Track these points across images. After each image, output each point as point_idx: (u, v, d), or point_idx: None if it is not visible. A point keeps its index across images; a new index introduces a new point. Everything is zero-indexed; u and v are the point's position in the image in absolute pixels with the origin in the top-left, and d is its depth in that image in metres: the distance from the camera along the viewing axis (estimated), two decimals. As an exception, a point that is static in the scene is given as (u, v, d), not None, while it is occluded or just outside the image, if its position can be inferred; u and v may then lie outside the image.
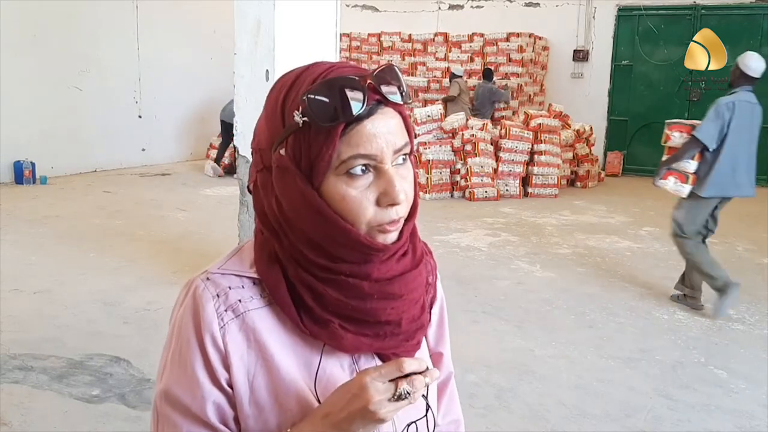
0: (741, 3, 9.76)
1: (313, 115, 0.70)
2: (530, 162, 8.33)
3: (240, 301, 0.78)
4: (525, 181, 8.35)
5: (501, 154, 8.22)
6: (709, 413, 2.94)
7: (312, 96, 0.71)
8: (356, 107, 0.70)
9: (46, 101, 8.28)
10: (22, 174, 7.89)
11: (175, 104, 10.12)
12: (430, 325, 0.92)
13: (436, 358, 0.96)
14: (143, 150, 9.78)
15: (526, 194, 8.29)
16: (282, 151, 0.74)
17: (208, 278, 0.79)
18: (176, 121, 10.23)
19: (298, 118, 0.71)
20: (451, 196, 8.08)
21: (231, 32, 3.91)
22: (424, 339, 0.89)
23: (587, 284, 4.77)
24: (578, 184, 9.14)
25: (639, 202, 8.07)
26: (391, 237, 0.77)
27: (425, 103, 10.20)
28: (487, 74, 9.73)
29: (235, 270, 0.80)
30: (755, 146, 4.21)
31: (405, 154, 0.76)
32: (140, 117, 9.70)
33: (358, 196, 0.73)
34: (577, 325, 3.99)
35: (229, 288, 0.78)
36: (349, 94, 0.70)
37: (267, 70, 3.79)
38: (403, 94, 0.75)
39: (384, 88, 0.73)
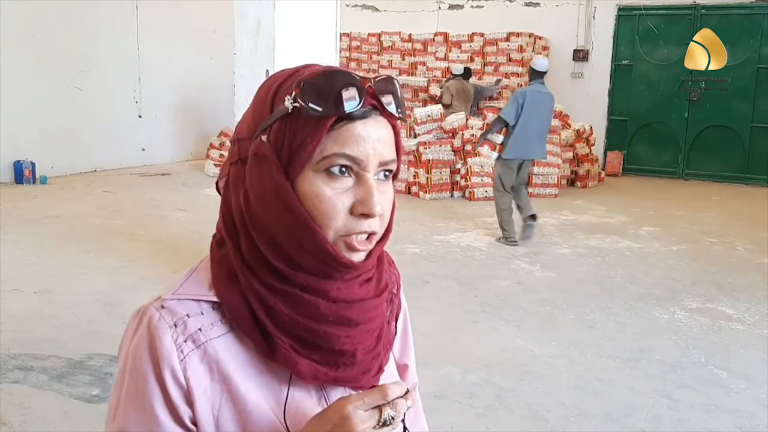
0: (741, 3, 9.76)
1: (305, 102, 0.67)
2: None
3: (200, 329, 0.71)
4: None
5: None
6: (709, 413, 2.94)
7: (310, 82, 0.68)
8: (352, 104, 0.67)
9: (46, 101, 8.28)
10: (22, 174, 7.89)
11: (175, 104, 10.12)
12: (395, 339, 0.87)
13: (401, 370, 0.91)
14: (143, 150, 9.78)
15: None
16: (264, 138, 0.70)
17: (162, 306, 0.72)
18: (176, 121, 10.23)
19: (288, 102, 0.68)
20: (451, 196, 8.08)
21: (231, 32, 3.92)
22: (391, 354, 0.85)
23: (587, 284, 4.77)
24: (578, 183, 9.14)
25: (639, 202, 8.07)
26: (359, 256, 0.71)
27: (425, 103, 10.20)
28: (466, 73, 9.74)
29: (193, 294, 0.73)
30: (546, 124, 5.82)
31: (389, 171, 0.72)
32: (140, 117, 9.70)
33: (332, 198, 0.68)
34: (577, 325, 3.99)
35: (187, 316, 0.71)
36: (348, 90, 0.67)
37: (267, 70, 3.79)
38: (399, 109, 0.72)
39: (383, 97, 0.70)
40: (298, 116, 0.68)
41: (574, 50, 10.78)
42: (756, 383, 3.24)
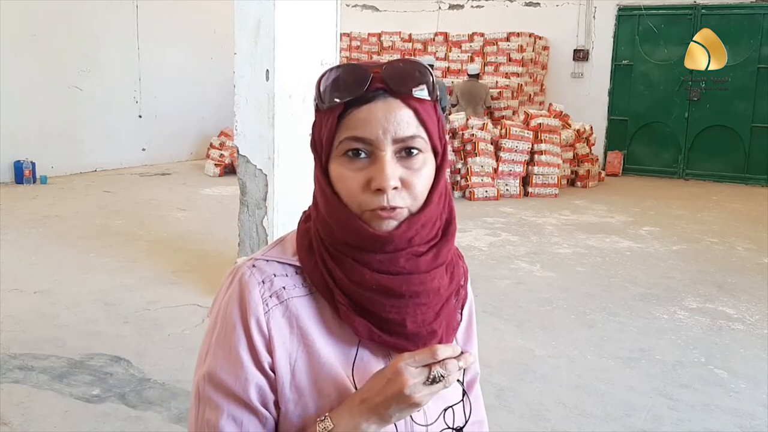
0: (741, 3, 9.76)
1: (318, 98, 0.78)
2: (530, 162, 8.33)
3: (284, 288, 0.80)
4: (525, 181, 8.36)
5: (501, 154, 8.22)
6: (709, 413, 2.94)
7: (322, 80, 0.77)
8: (352, 91, 0.75)
9: (46, 101, 8.29)
10: (22, 174, 7.89)
11: (175, 104, 10.12)
12: (459, 327, 0.93)
13: None
14: (143, 150, 9.78)
15: (526, 194, 8.29)
16: (311, 133, 0.82)
17: (254, 265, 0.81)
18: (176, 121, 10.22)
19: (314, 102, 0.79)
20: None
21: (231, 32, 3.91)
22: (454, 340, 0.90)
23: (587, 284, 4.77)
24: (578, 183, 9.15)
25: (639, 202, 8.07)
26: (387, 224, 0.76)
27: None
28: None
29: (279, 257, 0.83)
30: None
31: (414, 148, 0.76)
32: (140, 117, 9.70)
33: (352, 178, 0.76)
34: (577, 325, 3.99)
35: (274, 275, 0.81)
36: (350, 79, 0.76)
37: (267, 70, 3.79)
38: (429, 89, 0.77)
39: (393, 79, 0.76)
40: (320, 112, 0.79)
41: (574, 50, 10.78)
42: (756, 383, 3.24)
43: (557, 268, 5.15)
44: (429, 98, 0.77)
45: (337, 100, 0.76)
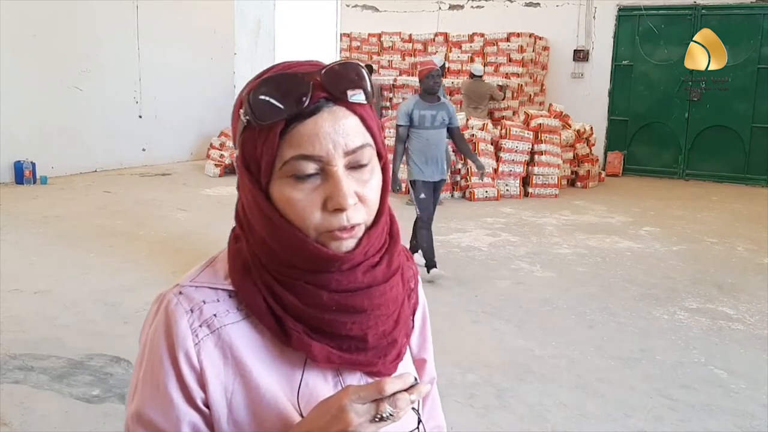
0: (741, 3, 9.76)
1: (251, 114, 0.69)
2: (530, 162, 8.33)
3: (215, 315, 0.73)
4: (525, 181, 8.35)
5: (501, 154, 8.22)
6: (709, 413, 2.94)
7: (252, 93, 0.69)
8: (294, 104, 0.67)
9: (46, 101, 8.29)
10: (22, 174, 7.89)
11: (175, 104, 10.12)
12: (413, 332, 0.88)
13: (419, 364, 0.91)
14: (143, 150, 9.78)
15: (526, 194, 8.29)
16: (236, 151, 0.73)
17: (180, 292, 0.75)
18: (176, 121, 10.22)
19: (243, 117, 0.70)
20: (451, 196, 8.08)
21: (231, 32, 3.92)
22: (407, 348, 0.85)
23: (587, 284, 4.77)
24: (578, 184, 9.14)
25: (639, 202, 8.07)
26: (347, 245, 0.71)
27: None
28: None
29: (209, 282, 0.76)
30: None
31: (364, 157, 0.71)
32: (140, 117, 9.70)
33: (303, 200, 0.69)
34: (577, 325, 3.99)
35: (203, 302, 0.74)
36: (288, 90, 0.68)
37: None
38: (367, 93, 0.71)
39: (335, 86, 0.69)
40: (252, 128, 0.70)
41: (574, 50, 10.78)
42: (756, 383, 3.24)
43: (557, 269, 5.15)
44: (367, 101, 0.72)
45: (278, 116, 0.68)
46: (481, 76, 9.41)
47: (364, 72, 0.72)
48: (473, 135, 8.11)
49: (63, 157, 8.52)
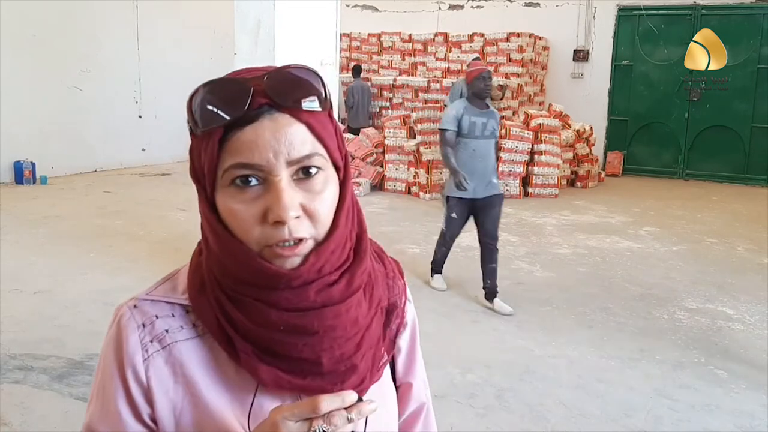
0: (741, 3, 9.76)
1: (192, 120, 0.67)
2: (530, 162, 8.33)
3: (167, 331, 0.71)
4: (525, 181, 8.35)
5: (501, 154, 8.21)
6: (709, 413, 2.94)
7: (192, 99, 0.67)
8: (232, 110, 0.65)
9: (46, 101, 8.29)
10: (22, 174, 7.89)
11: (175, 104, 10.00)
12: (399, 354, 0.84)
13: (404, 388, 0.86)
14: (143, 150, 9.78)
15: (526, 194, 8.29)
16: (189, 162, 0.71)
17: (135, 305, 0.73)
18: (176, 121, 10.17)
19: (187, 126, 0.68)
20: (451, 196, 8.07)
21: (231, 32, 3.92)
22: (388, 369, 0.81)
23: (587, 284, 4.77)
24: (578, 184, 9.14)
25: (639, 202, 8.07)
26: (291, 262, 0.67)
27: (425, 102, 10.20)
28: (356, 71, 9.60)
29: (166, 296, 0.74)
30: None
31: (313, 167, 0.67)
32: (140, 117, 9.71)
33: (243, 211, 0.66)
34: (577, 325, 3.99)
35: (156, 317, 0.72)
36: (228, 96, 0.65)
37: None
38: (321, 99, 0.67)
39: (278, 92, 0.66)
40: (195, 136, 0.68)
41: (574, 50, 10.79)
42: (756, 383, 3.25)
43: (557, 269, 5.15)
44: (321, 109, 0.67)
45: (215, 123, 0.65)
46: None
47: (318, 76, 0.68)
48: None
49: (63, 157, 8.52)
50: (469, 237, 6.06)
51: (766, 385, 3.23)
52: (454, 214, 4.25)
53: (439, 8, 11.69)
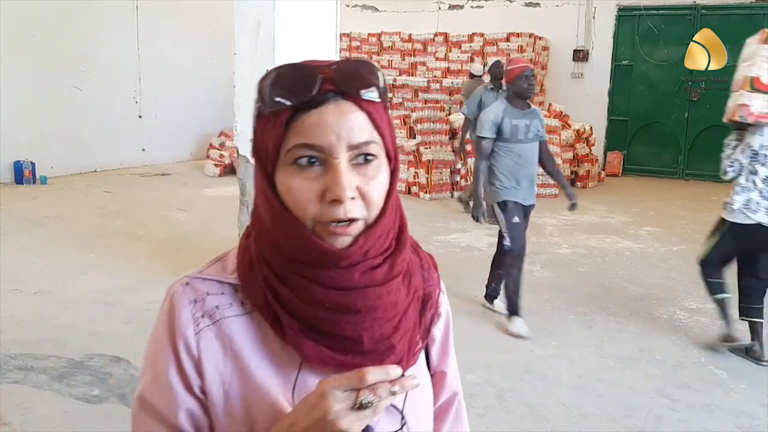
0: (741, 3, 9.76)
1: (261, 101, 0.72)
2: (530, 162, 8.31)
3: (217, 307, 0.75)
4: (525, 181, 8.33)
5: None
6: (709, 413, 2.94)
7: (264, 83, 0.71)
8: (300, 94, 0.69)
9: (46, 101, 8.29)
10: (22, 174, 7.89)
11: (175, 104, 10.12)
12: (433, 343, 0.89)
13: (439, 377, 0.91)
14: (143, 150, 9.78)
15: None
16: (251, 140, 0.76)
17: (187, 283, 0.78)
18: (176, 121, 10.23)
19: (255, 104, 0.73)
20: (451, 196, 8.07)
21: (231, 32, 3.91)
22: (423, 356, 0.85)
23: (587, 284, 4.77)
24: (578, 184, 9.14)
25: (639, 203, 8.07)
26: (342, 241, 0.71)
27: (425, 102, 10.20)
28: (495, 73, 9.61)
29: (216, 275, 0.78)
30: None
31: (370, 154, 0.71)
32: (140, 117, 9.71)
33: (301, 188, 0.70)
34: (577, 325, 3.99)
35: (207, 294, 0.76)
36: (297, 80, 0.70)
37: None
38: (380, 91, 0.72)
39: (344, 81, 0.70)
40: (263, 116, 0.73)
41: (574, 50, 10.78)
42: (756, 383, 3.25)
43: (557, 269, 5.15)
44: (380, 100, 0.72)
45: (284, 104, 0.70)
46: (480, 76, 9.41)
47: (378, 71, 0.73)
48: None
49: (63, 157, 8.52)
50: (469, 237, 6.06)
51: (766, 385, 3.23)
52: (516, 219, 3.85)
53: (439, 8, 11.69)
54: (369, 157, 0.71)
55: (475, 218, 3.85)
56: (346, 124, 0.70)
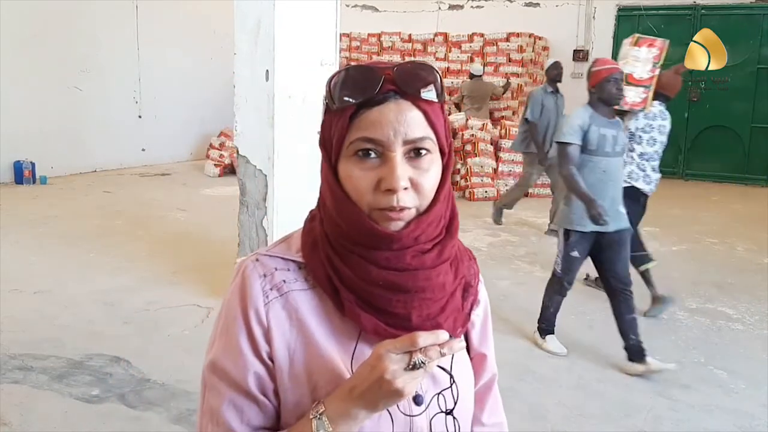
0: (741, 3, 9.76)
1: (329, 98, 0.80)
2: (530, 162, 8.31)
3: (284, 281, 0.83)
4: (525, 181, 8.32)
5: (501, 154, 8.22)
6: (709, 413, 2.95)
7: (334, 80, 0.79)
8: (364, 93, 0.77)
9: (46, 101, 8.29)
10: (22, 174, 7.89)
11: (175, 104, 10.12)
12: (473, 327, 0.98)
13: (479, 359, 1.00)
14: (143, 150, 9.78)
15: (526, 194, 8.27)
16: (318, 132, 0.85)
17: (257, 259, 0.86)
18: (176, 121, 10.23)
19: (323, 101, 0.82)
20: (451, 196, 8.06)
21: (231, 32, 3.91)
22: (464, 342, 0.91)
23: (587, 284, 4.77)
24: (578, 184, 9.12)
25: (639, 202, 8.05)
26: (395, 225, 0.79)
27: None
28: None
29: (282, 253, 0.86)
30: None
31: (423, 149, 0.78)
32: (140, 117, 9.71)
33: (360, 178, 0.78)
34: (577, 325, 3.99)
35: (275, 269, 0.84)
36: (362, 80, 0.78)
37: (267, 70, 3.79)
38: (437, 91, 0.79)
39: (404, 81, 0.77)
40: (330, 111, 0.81)
41: (574, 50, 10.78)
42: (756, 383, 3.25)
43: (557, 269, 5.14)
44: (437, 100, 0.79)
45: (349, 101, 0.78)
46: (480, 76, 9.41)
47: (437, 73, 0.80)
48: (473, 135, 8.11)
49: (63, 157, 8.52)
50: (469, 237, 6.06)
51: (766, 385, 3.23)
52: (575, 252, 3.39)
53: (439, 8, 11.69)
54: (422, 152, 0.79)
55: (595, 221, 3.24)
56: (404, 121, 0.77)
